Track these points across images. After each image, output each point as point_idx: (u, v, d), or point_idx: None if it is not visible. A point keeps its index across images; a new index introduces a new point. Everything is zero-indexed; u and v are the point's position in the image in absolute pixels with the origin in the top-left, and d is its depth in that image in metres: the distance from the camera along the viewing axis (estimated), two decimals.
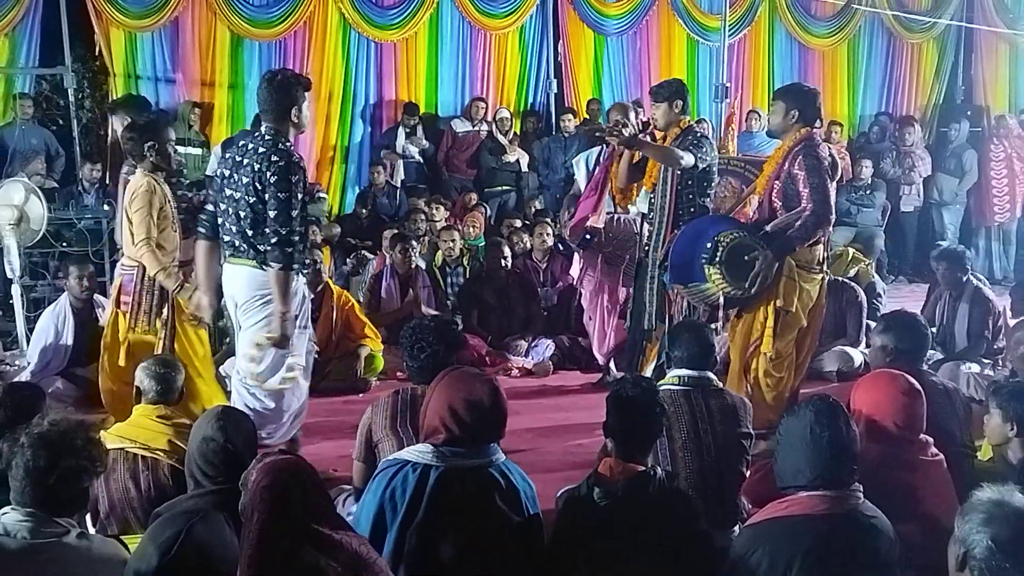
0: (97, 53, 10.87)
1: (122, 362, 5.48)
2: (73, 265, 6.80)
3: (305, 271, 4.94)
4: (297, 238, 4.72)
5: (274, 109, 4.79)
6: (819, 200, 5.12)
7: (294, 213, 4.65)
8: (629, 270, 6.74)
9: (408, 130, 11.47)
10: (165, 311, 5.43)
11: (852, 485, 3.07)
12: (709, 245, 5.20)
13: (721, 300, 5.40)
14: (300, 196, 4.69)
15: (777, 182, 5.29)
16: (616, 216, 6.91)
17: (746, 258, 5.13)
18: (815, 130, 5.33)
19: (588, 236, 6.99)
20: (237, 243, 4.82)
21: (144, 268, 5.38)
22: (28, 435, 2.85)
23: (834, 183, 5.31)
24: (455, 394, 3.24)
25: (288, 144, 4.76)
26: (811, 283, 5.30)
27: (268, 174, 4.63)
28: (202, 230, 5.04)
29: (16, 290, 7.23)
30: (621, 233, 6.87)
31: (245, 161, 4.75)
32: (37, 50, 10.59)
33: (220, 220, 4.92)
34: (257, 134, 4.86)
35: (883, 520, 3.07)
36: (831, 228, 5.33)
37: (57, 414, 3.10)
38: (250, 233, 4.75)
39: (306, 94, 4.93)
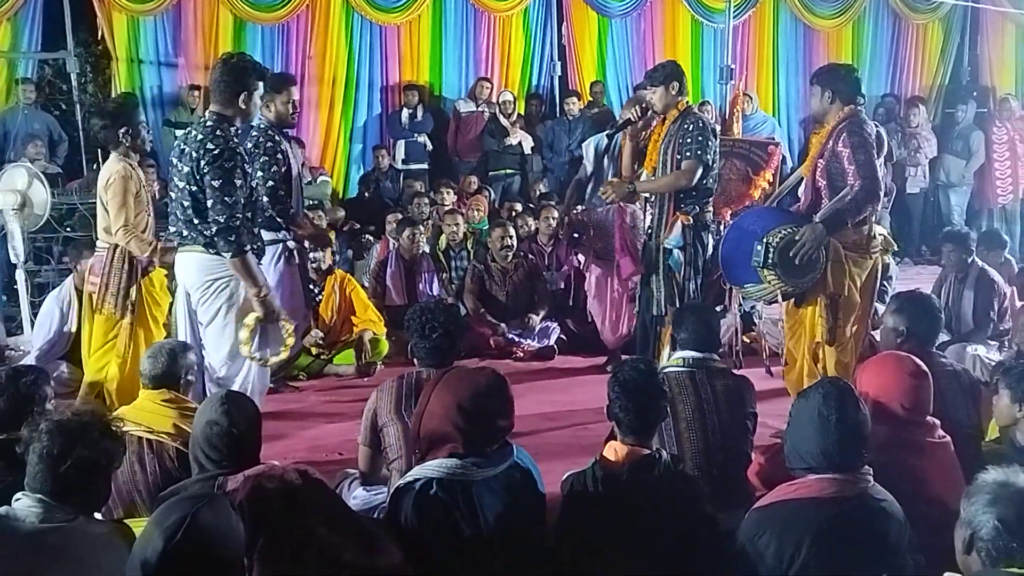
0: (99, 38, 10.87)
1: (96, 344, 5.50)
2: (86, 251, 6.77)
3: (256, 252, 4.90)
4: (238, 223, 4.64)
5: (222, 92, 4.75)
6: (867, 175, 5.04)
7: (230, 199, 4.59)
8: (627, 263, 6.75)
9: (411, 111, 11.45)
10: (133, 293, 5.41)
11: (862, 468, 3.06)
12: (759, 248, 5.10)
13: (779, 297, 5.31)
14: (239, 182, 4.63)
15: (821, 161, 5.23)
16: (605, 209, 6.89)
17: (795, 239, 5.05)
18: (858, 107, 5.28)
19: (576, 234, 7.02)
20: (185, 232, 4.79)
21: (115, 249, 5.39)
22: (48, 421, 2.86)
23: (881, 159, 5.26)
24: (459, 392, 3.17)
25: (230, 130, 4.71)
26: (861, 265, 5.22)
27: (203, 163, 4.59)
28: None
29: (20, 275, 7.25)
30: (609, 227, 6.83)
31: (186, 149, 4.71)
32: (39, 35, 10.59)
33: (171, 208, 4.88)
34: (202, 119, 4.81)
35: (893, 503, 3.06)
36: (879, 205, 5.23)
37: (82, 404, 3.12)
38: (196, 222, 4.72)
39: (260, 83, 4.86)
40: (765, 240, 5.11)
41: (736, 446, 4.08)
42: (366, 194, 10.91)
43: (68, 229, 7.72)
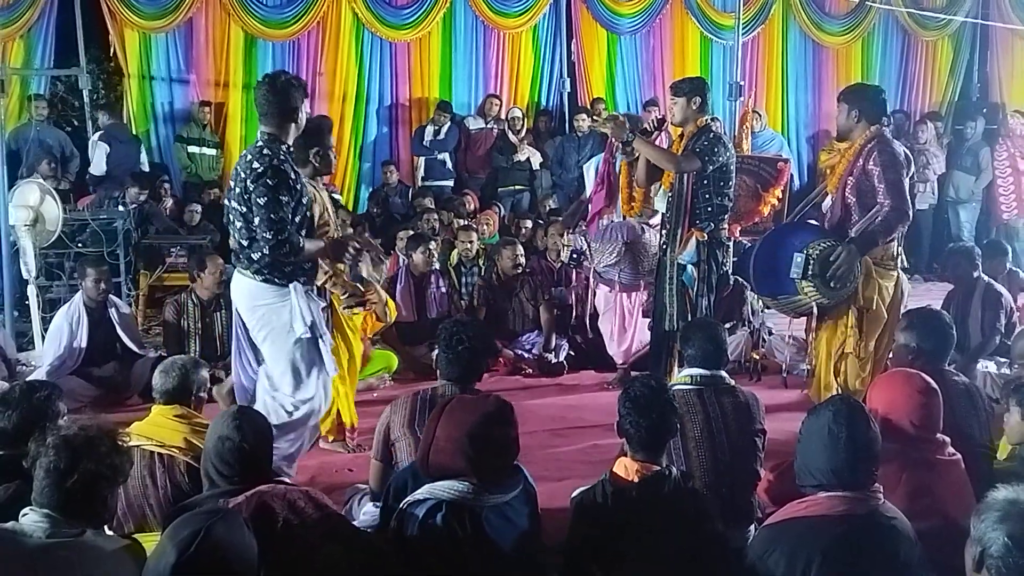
0: (112, 54, 10.94)
1: None
2: (90, 267, 6.82)
3: (304, 280, 4.80)
4: (286, 235, 4.51)
5: (276, 113, 4.64)
6: (896, 195, 5.22)
7: (275, 216, 4.46)
8: (628, 278, 6.79)
9: (437, 128, 11.49)
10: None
11: (872, 486, 3.05)
12: (800, 259, 5.23)
13: (815, 309, 5.38)
14: (285, 198, 4.49)
15: (851, 178, 5.35)
16: (605, 230, 6.91)
17: (830, 259, 5.17)
18: (884, 127, 5.42)
19: (576, 256, 7.05)
20: (238, 253, 4.78)
21: None
22: (54, 436, 2.87)
23: (908, 178, 5.39)
24: (465, 423, 3.18)
25: (280, 149, 4.60)
26: (889, 279, 5.36)
27: (249, 183, 4.52)
28: None
29: (32, 290, 7.28)
30: (608, 248, 6.86)
31: (238, 171, 4.66)
32: (52, 51, 10.67)
33: (230, 229, 4.87)
34: (256, 142, 4.72)
35: (903, 521, 3.05)
36: (908, 223, 5.36)
37: (89, 419, 3.12)
38: (245, 244, 4.68)
39: (305, 98, 4.78)
40: (806, 251, 5.23)
41: (745, 463, 4.07)
42: (375, 209, 10.94)
43: (79, 245, 7.76)
